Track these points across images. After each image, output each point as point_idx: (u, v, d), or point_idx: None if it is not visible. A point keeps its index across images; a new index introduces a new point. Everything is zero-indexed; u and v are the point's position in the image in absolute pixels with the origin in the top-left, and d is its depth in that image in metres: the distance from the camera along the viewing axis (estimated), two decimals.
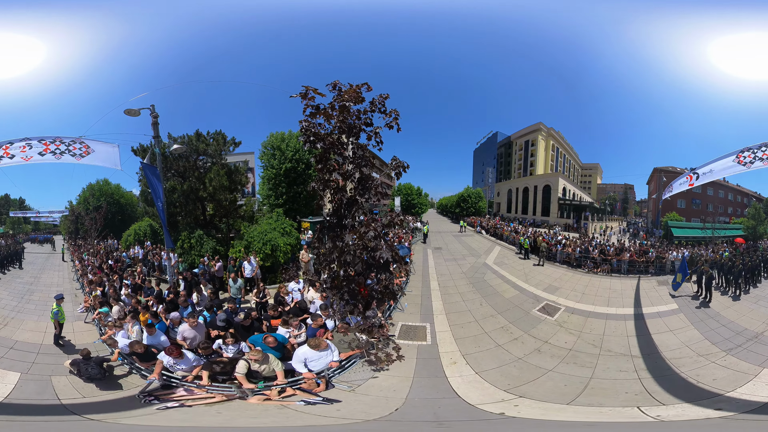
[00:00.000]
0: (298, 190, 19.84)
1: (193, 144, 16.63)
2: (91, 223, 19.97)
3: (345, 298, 9.29)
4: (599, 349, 10.40)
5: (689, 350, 10.15)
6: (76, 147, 9.95)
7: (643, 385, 8.55)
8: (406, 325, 11.37)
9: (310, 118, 9.12)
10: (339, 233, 9.37)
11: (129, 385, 8.11)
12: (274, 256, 14.85)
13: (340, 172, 9.32)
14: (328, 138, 9.16)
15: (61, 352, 9.64)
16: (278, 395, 7.39)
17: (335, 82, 9.26)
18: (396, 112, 9.40)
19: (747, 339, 10.50)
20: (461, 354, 9.93)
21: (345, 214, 9.55)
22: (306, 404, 7.11)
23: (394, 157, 9.73)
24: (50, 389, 7.91)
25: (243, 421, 6.74)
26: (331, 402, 7.28)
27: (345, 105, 9.10)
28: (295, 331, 9.23)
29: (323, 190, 9.48)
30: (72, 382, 8.09)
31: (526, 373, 9.17)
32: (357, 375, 8.46)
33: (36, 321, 11.55)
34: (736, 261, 14.88)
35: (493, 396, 8.09)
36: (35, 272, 17.76)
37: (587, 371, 9.26)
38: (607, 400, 7.93)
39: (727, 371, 8.97)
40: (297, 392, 7.51)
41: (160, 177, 11.82)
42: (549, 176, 26.55)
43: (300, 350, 8.16)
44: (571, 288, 15.50)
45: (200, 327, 9.16)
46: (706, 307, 13.00)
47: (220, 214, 17.45)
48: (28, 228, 22.47)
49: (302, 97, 9.04)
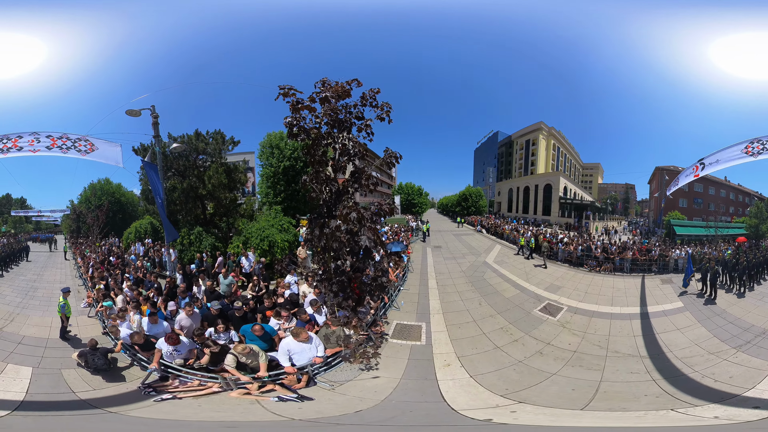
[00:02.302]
0: (296, 188, 19.91)
1: (193, 143, 16.73)
2: (93, 220, 20.19)
3: (334, 290, 9.25)
4: (606, 351, 10.00)
5: (699, 348, 9.89)
6: (81, 144, 10.20)
7: (659, 386, 8.20)
8: (401, 324, 11.04)
9: (292, 112, 9.25)
10: (326, 221, 9.42)
11: (131, 377, 8.21)
12: (272, 252, 14.90)
13: (331, 164, 9.45)
14: (312, 130, 9.28)
15: (69, 346, 9.75)
16: (257, 390, 7.38)
17: (324, 79, 9.42)
18: (388, 105, 9.52)
19: (755, 335, 10.36)
20: (456, 356, 9.48)
21: (334, 204, 9.61)
22: (279, 400, 7.08)
23: (387, 149, 9.87)
24: (63, 383, 7.98)
25: (216, 415, 6.74)
26: (304, 399, 7.21)
27: (325, 97, 9.21)
28: (285, 323, 9.19)
29: (314, 182, 9.56)
30: (81, 375, 8.21)
31: (527, 377, 8.69)
32: (343, 374, 8.26)
33: (41, 316, 11.64)
34: (741, 258, 14.81)
35: (486, 401, 7.60)
36: (38, 270, 18.00)
37: (596, 374, 8.79)
38: (629, 404, 7.48)
39: (741, 368, 8.73)
40: (276, 387, 7.46)
41: (159, 174, 11.97)
42: (550, 175, 26.47)
43: (284, 341, 8.11)
44: (573, 287, 15.17)
45: (196, 316, 9.42)
46: (712, 304, 12.88)
47: (220, 213, 17.49)
48: (29, 227, 22.65)
49: (283, 96, 9.20)
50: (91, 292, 12.38)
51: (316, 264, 10.07)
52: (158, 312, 9.68)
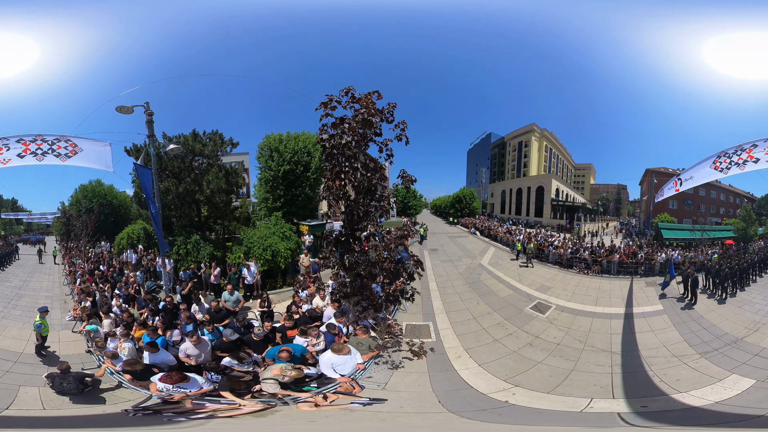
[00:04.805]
0: (296, 193, 19.48)
1: (190, 144, 16.26)
2: (82, 227, 19.30)
3: (362, 304, 9.60)
4: (583, 345, 11.12)
5: (665, 350, 10.62)
6: (61, 146, 9.06)
7: (612, 379, 9.21)
8: (410, 324, 11.98)
9: (331, 129, 9.02)
10: (360, 249, 9.51)
11: (117, 399, 7.77)
12: (275, 261, 14.63)
13: (354, 183, 9.24)
14: (348, 151, 9.03)
15: (41, 363, 9.30)
16: (324, 401, 7.42)
17: (348, 88, 9.09)
18: (404, 123, 9.32)
19: (725, 343, 10.77)
20: (464, 348, 10.67)
21: (357, 226, 9.63)
22: (363, 405, 7.33)
23: (403, 170, 9.82)
24: (10, 400, 7.70)
25: (311, 427, 6.82)
26: (380, 401, 7.65)
27: (369, 120, 9.00)
28: (314, 340, 9.22)
29: (336, 202, 9.67)
30: (43, 394, 7.87)
31: (520, 364, 9.98)
32: (377, 375, 8.91)
33: (20, 328, 11.13)
34: (723, 264, 15.06)
35: (496, 386, 8.92)
36: (25, 276, 17.25)
37: (570, 364, 10.02)
38: (576, 391, 8.65)
39: (694, 373, 9.33)
40: (339, 396, 7.61)
41: (153, 179, 11.17)
42: (542, 177, 26.76)
43: (325, 356, 8.33)
44: (562, 288, 16.03)
45: (204, 344, 8.58)
46: (690, 309, 13.29)
47: (215, 216, 17.26)
48: (20, 229, 22.19)
49: (324, 106, 8.96)
50: (78, 306, 11.51)
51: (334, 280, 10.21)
52: (160, 338, 8.81)
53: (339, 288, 9.94)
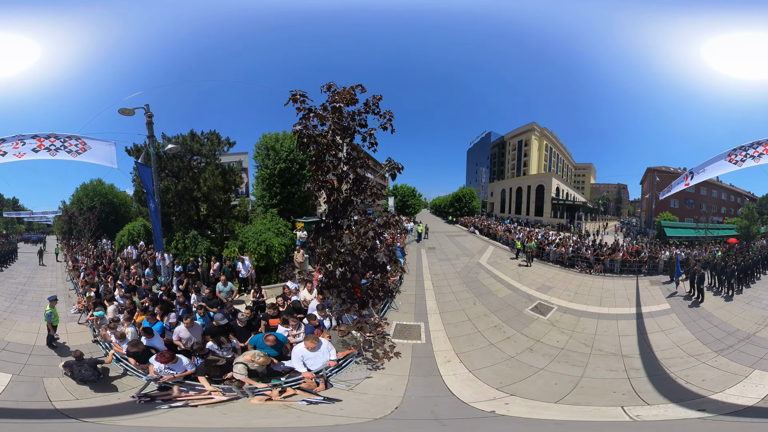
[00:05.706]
0: (292, 191, 19.75)
1: (188, 144, 16.55)
2: (85, 223, 19.86)
3: (342, 297, 9.38)
4: (590, 349, 10.41)
5: (680, 350, 10.14)
6: (72, 144, 9.71)
7: (632, 385, 8.55)
8: (400, 324, 11.41)
9: (303, 120, 9.13)
10: (336, 234, 9.42)
11: (124, 386, 7.99)
12: (269, 256, 14.83)
13: (335, 173, 9.32)
14: (322, 139, 9.17)
15: (55, 354, 9.55)
16: (279, 395, 7.37)
17: (329, 84, 9.29)
18: (390, 114, 9.43)
19: (739, 340, 10.45)
20: (455, 352, 9.99)
21: (340, 214, 9.59)
22: (308, 404, 7.11)
23: (389, 159, 9.78)
24: (42, 391, 7.82)
25: (253, 422, 6.71)
26: (332, 401, 7.29)
27: (337, 106, 9.12)
28: (294, 330, 9.24)
29: (318, 191, 9.54)
30: (65, 384, 8.01)
31: (518, 371, 9.19)
32: (353, 374, 8.51)
33: (29, 322, 11.41)
34: (729, 261, 14.90)
35: (485, 394, 8.17)
36: (28, 273, 17.59)
37: (578, 370, 9.28)
38: (595, 400, 7.95)
39: (717, 372, 8.94)
40: (297, 392, 7.49)
41: (153, 177, 11.73)
42: (542, 176, 26.64)
43: (297, 348, 8.18)
44: (563, 287, 15.50)
45: (196, 327, 9.05)
46: (698, 307, 13.03)
47: (214, 215, 17.43)
48: (21, 228, 22.42)
49: (293, 101, 9.08)
50: (82, 298, 12.09)
51: (317, 270, 10.12)
52: (157, 323, 9.36)
53: (323, 279, 9.86)
